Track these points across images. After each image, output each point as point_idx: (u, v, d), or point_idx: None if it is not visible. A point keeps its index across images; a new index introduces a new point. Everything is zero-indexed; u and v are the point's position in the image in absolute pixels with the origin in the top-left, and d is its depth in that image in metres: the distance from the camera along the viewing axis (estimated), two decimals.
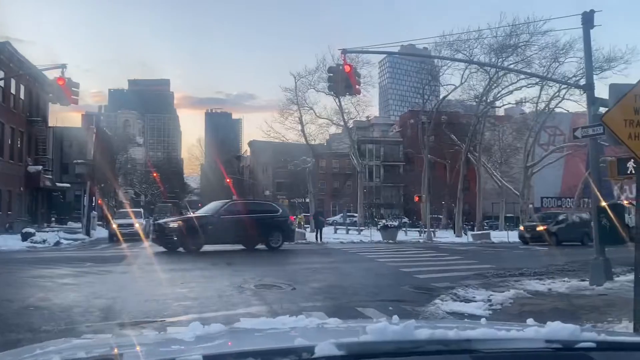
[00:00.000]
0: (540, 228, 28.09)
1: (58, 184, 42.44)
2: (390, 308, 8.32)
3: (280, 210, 22.38)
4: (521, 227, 31.26)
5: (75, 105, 17.41)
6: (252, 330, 1.49)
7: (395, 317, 1.64)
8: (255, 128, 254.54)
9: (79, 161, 38.69)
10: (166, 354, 1.23)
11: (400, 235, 32.74)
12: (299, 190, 57.56)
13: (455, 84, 41.24)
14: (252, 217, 20.13)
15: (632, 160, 7.89)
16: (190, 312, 7.81)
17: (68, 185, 43.40)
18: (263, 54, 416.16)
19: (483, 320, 1.71)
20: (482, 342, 1.17)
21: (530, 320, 1.73)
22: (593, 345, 1.17)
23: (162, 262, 15.55)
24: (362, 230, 39.04)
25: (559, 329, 1.25)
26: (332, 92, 25.29)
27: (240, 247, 20.04)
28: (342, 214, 54.75)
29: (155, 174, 73.49)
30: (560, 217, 29.57)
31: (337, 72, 14.81)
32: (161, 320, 7.15)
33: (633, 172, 8.22)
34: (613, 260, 11.68)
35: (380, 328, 1.16)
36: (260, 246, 20.49)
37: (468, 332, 1.25)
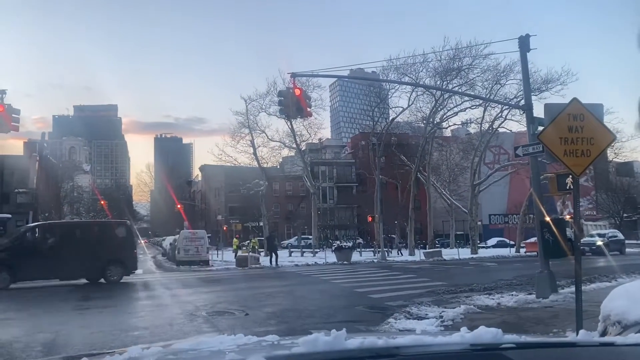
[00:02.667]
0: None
1: None
2: (345, 329, 8.32)
3: (123, 232, 18.75)
4: None
5: (16, 133, 16.74)
6: (187, 350, 1.47)
7: (333, 330, 1.66)
8: (207, 152, 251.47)
9: (21, 190, 37.18)
10: None
11: (355, 256, 32.89)
12: (252, 213, 57.07)
13: (403, 106, 42.26)
14: (78, 242, 17.03)
15: (570, 176, 8.29)
16: (139, 342, 7.56)
17: (9, 215, 41.37)
18: (213, 77, 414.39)
19: (418, 330, 1.76)
20: (409, 348, 1.21)
21: (463, 329, 1.79)
22: (513, 345, 1.23)
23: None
24: (316, 252, 38.99)
25: (482, 333, 1.31)
26: (284, 116, 25.44)
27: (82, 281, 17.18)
28: (296, 237, 54.60)
29: (102, 202, 71.20)
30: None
31: (288, 96, 14.92)
32: (109, 352, 6.88)
33: (571, 187, 8.63)
34: (557, 273, 12.11)
35: (312, 340, 1.18)
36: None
37: (398, 339, 1.29)
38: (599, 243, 31.82)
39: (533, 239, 33.20)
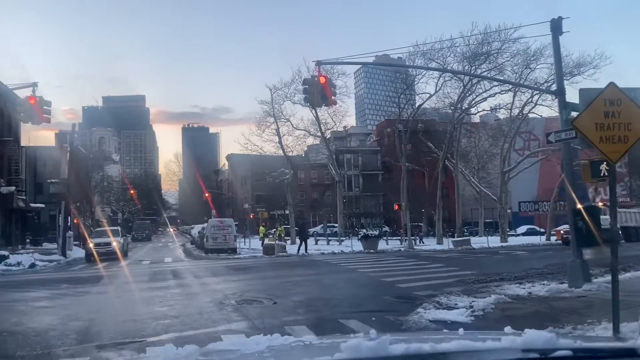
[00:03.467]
0: None
1: (32, 205, 41.54)
2: (373, 319, 8.29)
3: None
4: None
5: (47, 124, 17.08)
6: (224, 351, 1.44)
7: (372, 332, 1.60)
8: (233, 141, 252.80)
9: (53, 180, 37.99)
10: None
11: (381, 245, 32.78)
12: (278, 202, 57.33)
13: (430, 93, 41.70)
14: None
15: (605, 162, 8.04)
16: (170, 331, 7.65)
17: (42, 205, 42.54)
18: (238, 67, 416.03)
19: (461, 331, 1.69)
20: (458, 355, 1.15)
21: (507, 329, 1.72)
22: (570, 353, 1.16)
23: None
24: (342, 240, 38.98)
25: (535, 338, 1.23)
26: (309, 104, 25.36)
27: None
28: (322, 225, 54.64)
29: (132, 191, 72.52)
30: None
31: (313, 84, 14.84)
32: (140, 341, 6.99)
33: (606, 174, 8.38)
34: (590, 262, 11.83)
35: (354, 345, 1.13)
36: None
37: (444, 344, 1.23)
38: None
39: (564, 227, 32.58)
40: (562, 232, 33.02)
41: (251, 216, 66.24)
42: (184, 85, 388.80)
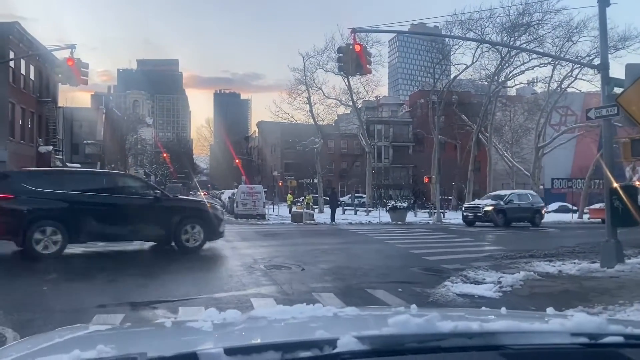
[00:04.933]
0: (488, 208, 27.41)
1: (68, 164, 42.73)
2: (400, 290, 8.35)
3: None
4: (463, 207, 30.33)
5: (84, 86, 17.42)
6: (269, 319, 1.47)
7: (413, 306, 1.62)
8: (264, 108, 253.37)
9: (89, 141, 38.94)
10: (186, 346, 1.22)
11: (409, 217, 32.71)
12: (307, 171, 57.55)
13: (467, 64, 40.74)
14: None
15: None
16: (202, 293, 7.86)
17: (78, 165, 43.69)
18: (270, 32, 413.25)
19: (503, 310, 1.69)
20: (506, 336, 1.15)
21: (550, 310, 1.71)
22: (622, 339, 1.14)
23: None
24: (370, 211, 39.05)
25: (584, 322, 1.22)
26: (342, 72, 25.09)
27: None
28: (350, 195, 54.74)
29: (165, 155, 73.73)
30: (509, 197, 28.85)
31: (347, 52, 14.64)
32: (173, 301, 7.20)
33: None
34: (624, 242, 11.60)
35: (403, 320, 1.14)
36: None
37: (491, 324, 1.23)
38: None
39: (598, 205, 31.85)
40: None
41: (280, 184, 66.76)
42: (214, 49, 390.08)
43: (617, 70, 12.06)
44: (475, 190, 45.06)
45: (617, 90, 10.74)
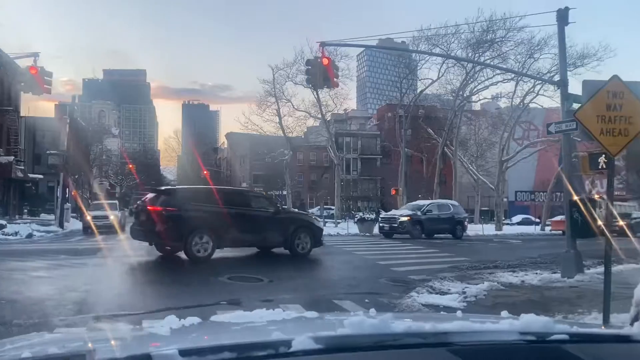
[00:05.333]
0: (404, 218, 25.75)
1: (30, 175, 41.56)
2: (367, 301, 8.39)
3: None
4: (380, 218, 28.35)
5: (47, 95, 17.03)
6: (228, 324, 1.48)
7: (372, 310, 1.64)
8: (233, 120, 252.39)
9: (52, 152, 37.88)
10: (141, 348, 1.21)
11: (377, 228, 32.85)
12: (276, 182, 57.43)
13: (433, 78, 41.56)
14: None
15: (604, 155, 8.06)
16: (169, 305, 7.71)
17: (41, 176, 42.56)
18: (239, 44, 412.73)
19: (459, 313, 1.74)
20: (458, 335, 1.19)
21: (504, 313, 1.76)
22: (566, 337, 1.19)
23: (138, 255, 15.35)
24: (339, 222, 39.12)
25: (532, 321, 1.27)
26: (310, 85, 25.26)
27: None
28: (319, 207, 54.78)
29: (130, 166, 72.40)
30: (427, 207, 27.19)
31: (316, 65, 14.77)
32: (136, 314, 7.07)
33: (604, 167, 8.41)
34: (584, 253, 11.93)
35: (358, 321, 1.17)
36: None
37: (445, 324, 1.26)
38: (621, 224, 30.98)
39: (559, 217, 32.67)
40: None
41: None
42: (183, 60, 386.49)
43: (575, 87, 12.47)
44: None
45: (576, 105, 11.12)
